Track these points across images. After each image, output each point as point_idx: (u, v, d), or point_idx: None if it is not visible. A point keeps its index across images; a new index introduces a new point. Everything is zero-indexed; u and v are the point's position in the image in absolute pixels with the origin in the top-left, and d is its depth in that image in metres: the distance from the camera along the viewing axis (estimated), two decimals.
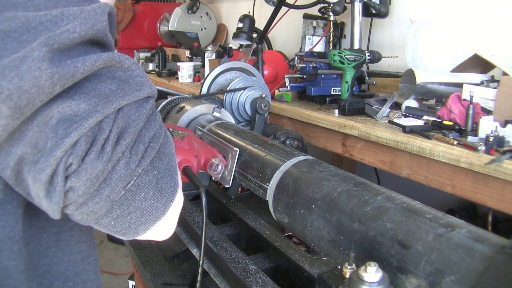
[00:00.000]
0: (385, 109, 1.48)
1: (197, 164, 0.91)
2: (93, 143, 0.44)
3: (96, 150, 0.44)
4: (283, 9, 2.16)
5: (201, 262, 0.79)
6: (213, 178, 1.01)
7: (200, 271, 0.78)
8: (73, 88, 0.44)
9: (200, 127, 1.18)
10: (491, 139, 1.06)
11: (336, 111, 1.59)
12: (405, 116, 1.44)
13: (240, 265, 0.98)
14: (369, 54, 1.61)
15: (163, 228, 0.55)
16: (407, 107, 1.49)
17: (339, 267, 0.58)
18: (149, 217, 0.51)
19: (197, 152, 0.93)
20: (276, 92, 1.93)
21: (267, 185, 0.86)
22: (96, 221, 0.49)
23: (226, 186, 1.03)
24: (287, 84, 1.87)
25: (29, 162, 0.43)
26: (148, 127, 0.50)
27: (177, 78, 2.92)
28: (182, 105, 1.31)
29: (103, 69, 0.46)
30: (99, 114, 0.44)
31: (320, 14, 2.29)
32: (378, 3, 1.97)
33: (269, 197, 0.85)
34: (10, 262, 0.51)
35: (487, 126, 1.12)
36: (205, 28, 3.77)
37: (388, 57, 1.76)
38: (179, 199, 0.56)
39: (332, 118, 1.51)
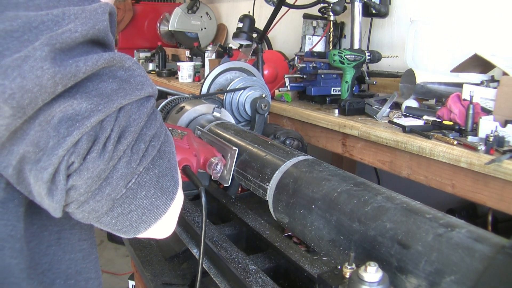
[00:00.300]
0: (385, 109, 1.48)
1: (196, 163, 0.91)
2: (94, 142, 0.45)
3: (98, 148, 0.45)
4: (283, 9, 2.16)
5: (200, 261, 0.79)
6: (212, 177, 1.01)
7: (199, 270, 0.78)
8: (75, 88, 0.44)
9: (199, 127, 1.18)
10: (491, 139, 1.06)
11: (336, 111, 1.59)
12: (405, 116, 1.44)
13: (240, 265, 0.98)
14: (369, 54, 1.61)
15: (164, 226, 0.55)
16: (407, 107, 1.49)
17: (339, 267, 0.58)
18: (150, 215, 0.52)
19: (197, 151, 0.93)
20: (276, 92, 1.93)
21: (267, 185, 0.86)
22: (97, 219, 0.50)
23: (225, 185, 1.03)
24: (287, 84, 1.87)
25: (31, 160, 0.44)
26: (149, 126, 0.50)
27: (177, 78, 2.92)
28: (182, 105, 1.31)
29: (104, 68, 0.46)
30: (100, 113, 0.44)
31: (320, 14, 2.29)
32: (378, 3, 1.97)
33: (269, 197, 0.85)
34: (11, 261, 0.52)
35: (487, 126, 1.12)
36: (205, 28, 3.77)
37: (388, 57, 1.76)
38: (179, 198, 0.56)
39: (332, 118, 1.51)
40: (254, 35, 2.17)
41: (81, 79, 0.44)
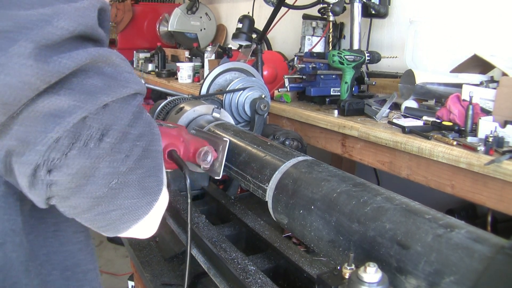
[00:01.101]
0: (385, 110, 1.48)
1: (184, 151, 0.90)
2: (77, 139, 0.45)
3: (79, 146, 0.45)
4: (283, 9, 2.16)
5: (188, 247, 0.80)
6: (201, 168, 0.98)
7: (188, 257, 0.80)
8: (59, 83, 0.44)
9: (195, 127, 1.17)
10: (490, 139, 1.06)
11: (336, 111, 1.59)
12: (405, 116, 1.44)
13: (239, 266, 0.98)
14: (368, 54, 1.61)
15: (145, 227, 0.55)
16: (406, 108, 1.49)
17: (338, 267, 0.58)
18: (131, 215, 0.51)
19: (186, 141, 0.92)
20: (276, 92, 1.93)
21: (267, 186, 0.86)
22: (78, 215, 0.50)
23: (216, 178, 1.00)
24: (286, 84, 1.87)
25: (15, 154, 0.44)
26: (134, 124, 0.49)
27: (177, 78, 2.92)
28: (181, 105, 1.31)
29: (91, 64, 0.46)
30: (83, 110, 0.44)
31: (319, 15, 2.29)
32: (377, 3, 1.97)
33: (269, 197, 0.85)
34: (12, 254, 0.53)
35: (486, 126, 1.12)
36: (204, 29, 3.77)
37: (388, 57, 1.76)
38: (163, 198, 0.55)
39: (331, 119, 1.51)
40: (254, 35, 2.17)
41: (66, 75, 0.44)
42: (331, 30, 2.21)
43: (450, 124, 1.22)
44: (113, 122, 0.47)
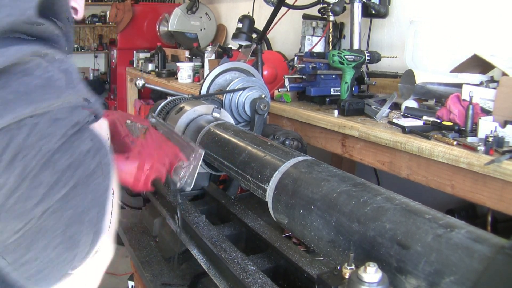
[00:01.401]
0: (385, 110, 1.48)
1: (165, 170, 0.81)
2: None
3: None
4: (283, 9, 2.16)
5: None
6: (178, 184, 0.88)
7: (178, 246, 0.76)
8: None
9: (154, 115, 1.14)
10: (490, 139, 1.06)
11: (336, 111, 1.59)
12: (405, 116, 1.44)
13: (239, 266, 0.98)
14: (368, 54, 1.61)
15: (77, 286, 0.43)
16: (406, 108, 1.49)
17: (338, 267, 0.58)
18: (53, 270, 0.39)
19: (164, 154, 0.82)
20: (276, 92, 1.93)
21: (267, 186, 0.86)
22: None
23: (187, 189, 0.89)
24: (286, 84, 1.87)
25: None
26: (66, 149, 0.37)
27: (177, 78, 2.93)
28: (181, 105, 1.31)
29: (16, 66, 0.36)
30: None
31: (319, 15, 2.29)
32: (377, 3, 1.97)
33: (269, 197, 0.85)
34: None
35: (486, 126, 1.12)
36: (204, 29, 3.77)
37: (388, 57, 1.76)
38: (103, 253, 0.44)
39: (331, 119, 1.51)
40: (254, 35, 2.17)
41: None
42: (331, 30, 2.21)
43: (450, 124, 1.22)
44: (31, 144, 0.35)
